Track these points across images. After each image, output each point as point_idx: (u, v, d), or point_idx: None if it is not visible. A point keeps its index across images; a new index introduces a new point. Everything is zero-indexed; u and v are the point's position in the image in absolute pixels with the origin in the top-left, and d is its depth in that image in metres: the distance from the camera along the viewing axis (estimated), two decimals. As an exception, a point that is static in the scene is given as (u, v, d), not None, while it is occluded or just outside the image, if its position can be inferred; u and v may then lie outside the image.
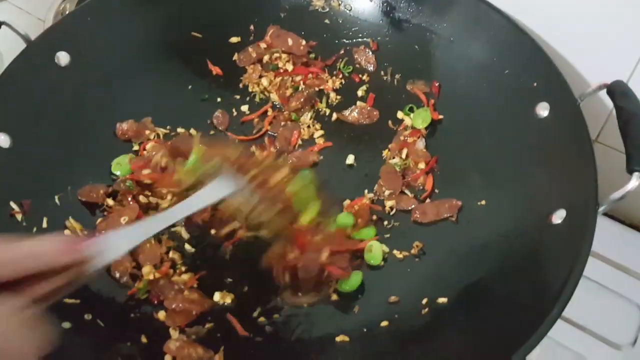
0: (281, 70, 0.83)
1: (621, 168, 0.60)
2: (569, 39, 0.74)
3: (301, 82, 0.83)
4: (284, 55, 0.84)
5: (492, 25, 0.76)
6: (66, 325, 0.60)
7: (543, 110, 0.70)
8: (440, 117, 0.78)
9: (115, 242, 0.44)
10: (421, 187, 0.75)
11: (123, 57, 0.79)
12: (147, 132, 0.78)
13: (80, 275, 0.41)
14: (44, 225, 0.68)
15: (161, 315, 0.65)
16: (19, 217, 0.66)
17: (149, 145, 0.76)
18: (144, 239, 0.50)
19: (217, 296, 0.67)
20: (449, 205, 0.72)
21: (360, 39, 0.85)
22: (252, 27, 0.85)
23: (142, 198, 0.72)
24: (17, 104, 0.71)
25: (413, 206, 0.73)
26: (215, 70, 0.83)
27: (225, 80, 0.83)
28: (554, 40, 0.75)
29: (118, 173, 0.74)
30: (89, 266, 0.41)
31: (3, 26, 0.70)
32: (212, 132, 0.79)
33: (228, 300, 0.67)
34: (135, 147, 0.77)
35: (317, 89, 0.83)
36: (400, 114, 0.80)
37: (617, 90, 0.64)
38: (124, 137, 0.77)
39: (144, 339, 0.63)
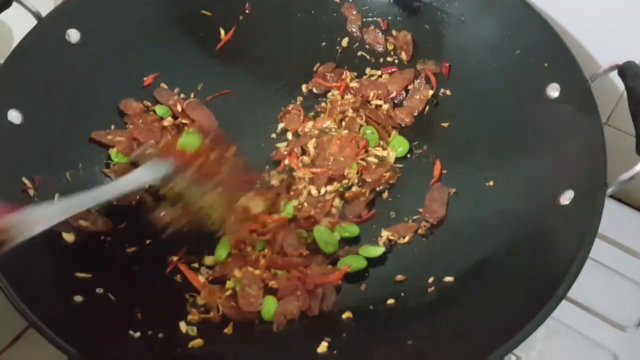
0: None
1: (631, 152, 0.60)
2: (581, 19, 0.74)
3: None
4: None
5: (503, 5, 0.75)
6: (78, 299, 0.60)
7: (553, 91, 0.69)
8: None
9: (36, 218, 0.45)
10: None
11: (133, 34, 0.79)
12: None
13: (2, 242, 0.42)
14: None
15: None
16: (31, 192, 0.66)
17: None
18: (66, 217, 0.51)
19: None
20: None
21: (370, 19, 0.84)
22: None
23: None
24: (29, 81, 0.71)
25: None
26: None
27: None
28: (565, 20, 0.74)
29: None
30: (9, 236, 0.43)
31: (14, 2, 0.70)
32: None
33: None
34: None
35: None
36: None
37: (628, 71, 0.63)
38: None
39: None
